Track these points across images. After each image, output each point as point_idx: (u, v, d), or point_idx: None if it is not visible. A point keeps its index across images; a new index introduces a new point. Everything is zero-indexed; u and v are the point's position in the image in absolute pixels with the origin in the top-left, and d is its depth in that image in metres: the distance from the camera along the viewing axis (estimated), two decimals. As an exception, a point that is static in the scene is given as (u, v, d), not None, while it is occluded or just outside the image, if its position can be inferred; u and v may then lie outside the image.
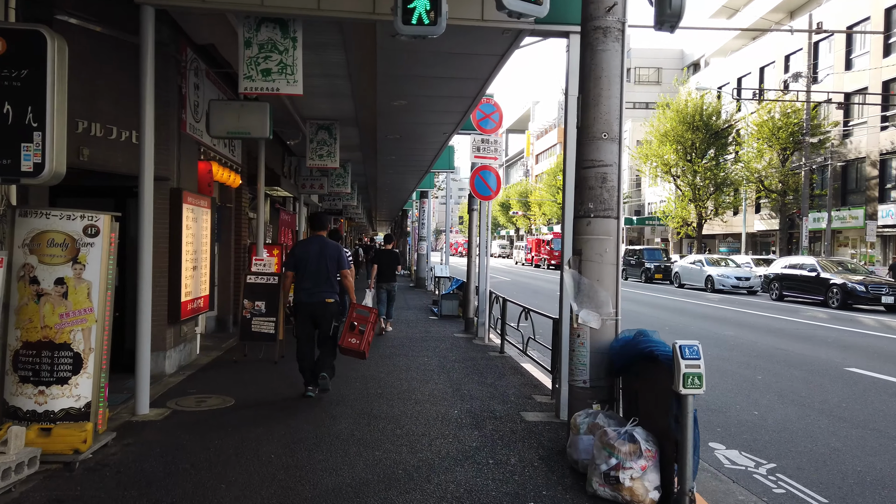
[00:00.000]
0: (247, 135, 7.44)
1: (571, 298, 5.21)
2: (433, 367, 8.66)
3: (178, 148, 7.67)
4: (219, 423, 5.77)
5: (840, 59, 31.34)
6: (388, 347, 10.16)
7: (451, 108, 9.86)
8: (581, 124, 5.21)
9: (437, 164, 17.81)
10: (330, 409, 6.33)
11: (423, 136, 12.48)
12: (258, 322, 8.60)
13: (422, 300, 18.84)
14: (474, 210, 12.61)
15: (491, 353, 9.94)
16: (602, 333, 5.10)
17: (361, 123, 11.49)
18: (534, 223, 67.56)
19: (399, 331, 12.19)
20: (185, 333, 8.12)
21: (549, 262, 46.49)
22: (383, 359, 9.12)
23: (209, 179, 8.73)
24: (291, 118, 11.51)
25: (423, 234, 24.98)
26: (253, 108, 7.42)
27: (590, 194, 5.15)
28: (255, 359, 8.74)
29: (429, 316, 14.89)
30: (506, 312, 10.15)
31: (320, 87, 9.53)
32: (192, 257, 7.88)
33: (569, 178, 6.18)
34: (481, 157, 11.22)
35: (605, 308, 5.11)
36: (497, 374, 8.34)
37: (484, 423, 5.99)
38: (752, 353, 10.96)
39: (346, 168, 17.39)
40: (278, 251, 11.98)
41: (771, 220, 36.03)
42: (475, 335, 11.77)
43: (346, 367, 8.24)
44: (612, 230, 5.17)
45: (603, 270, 5.13)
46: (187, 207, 7.67)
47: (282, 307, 8.73)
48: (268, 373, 7.93)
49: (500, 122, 11.25)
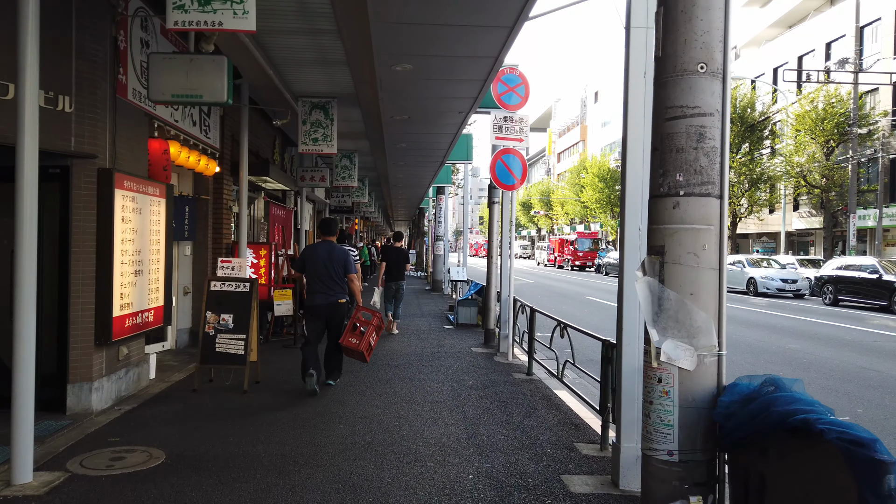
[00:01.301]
0: (198, 99, 5.67)
1: (648, 321, 3.37)
2: (444, 397, 6.85)
3: (113, 118, 5.93)
4: (128, 499, 4.00)
5: (889, 44, 29.01)
6: (392, 368, 8.36)
7: (466, 75, 8.03)
8: (662, 52, 3.36)
9: (453, 155, 15.98)
10: (295, 473, 4.53)
11: (434, 116, 10.66)
12: (224, 340, 6.84)
13: (437, 305, 17.03)
14: (495, 203, 10.76)
15: (516, 376, 8.10)
16: (699, 378, 3.25)
17: (362, 100, 9.70)
18: (555, 223, 65.59)
19: (408, 344, 10.38)
20: (128, 356, 6.38)
21: (572, 262, 44.52)
22: (382, 385, 7.32)
23: (165, 162, 6.99)
24: (280, 95, 9.76)
25: (440, 234, 23.16)
26: (206, 63, 5.65)
27: (677, 160, 3.30)
28: (221, 385, 6.99)
29: (443, 325, 13.06)
30: (534, 325, 8.32)
31: (305, 48, 7.77)
32: (133, 259, 6.14)
33: (632, 142, 4.34)
34: (504, 139, 9.38)
35: (704, 338, 3.26)
36: (525, 407, 6.51)
37: (510, 498, 4.16)
38: (833, 373, 9.00)
39: (353, 159, 15.63)
40: (266, 251, 10.25)
41: (811, 217, 33.73)
42: (496, 350, 9.94)
43: (333, 401, 6.45)
44: (712, 216, 3.32)
45: (700, 278, 3.27)
46: (124, 195, 5.93)
47: (254, 321, 6.96)
48: (229, 409, 6.16)
49: (526, 96, 9.41)
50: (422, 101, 9.52)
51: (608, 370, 5.24)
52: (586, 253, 44.47)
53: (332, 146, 10.18)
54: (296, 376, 7.62)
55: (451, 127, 11.57)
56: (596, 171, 50.37)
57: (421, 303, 17.84)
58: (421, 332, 11.99)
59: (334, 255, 6.98)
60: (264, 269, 10.25)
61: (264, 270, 10.25)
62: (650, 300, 3.36)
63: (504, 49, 6.96)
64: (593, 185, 50.19)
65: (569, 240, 46.93)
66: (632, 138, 4.36)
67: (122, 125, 6.12)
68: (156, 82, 5.62)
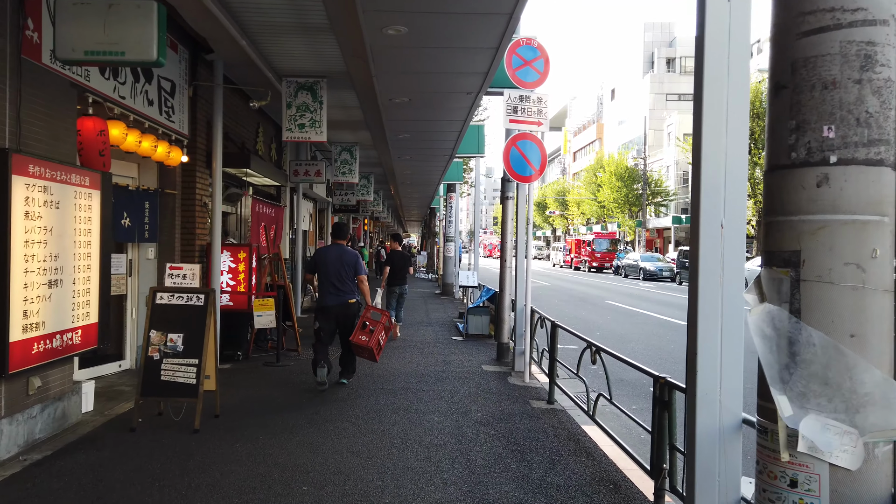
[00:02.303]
0: (119, 57, 4.33)
1: (772, 381, 1.97)
2: (445, 437, 5.46)
3: (16, 86, 4.61)
4: None
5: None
6: (386, 394, 6.99)
7: (473, 41, 6.65)
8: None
9: (463, 148, 14.60)
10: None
11: (439, 98, 9.27)
12: (172, 366, 5.48)
13: (447, 312, 15.63)
14: (509, 198, 9.37)
15: (534, 405, 6.71)
16: (865, 482, 1.86)
17: (355, 79, 8.33)
18: (571, 223, 63.93)
19: (409, 361, 9.00)
20: (44, 388, 5.05)
21: (589, 264, 42.93)
22: (371, 419, 5.95)
23: (100, 146, 5.66)
24: (260, 74, 8.43)
25: (451, 234, 21.76)
26: (129, 10, 4.31)
27: (825, 102, 1.91)
28: (168, 421, 5.65)
29: (451, 336, 11.67)
30: (556, 342, 6.92)
31: (278, 8, 6.44)
32: (44, 266, 4.81)
33: (711, 88, 2.92)
34: (519, 122, 7.97)
35: (877, 415, 1.86)
36: (548, 453, 5.11)
37: None
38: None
39: (353, 153, 14.31)
40: (246, 254, 8.92)
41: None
42: (511, 368, 8.55)
43: (304, 445, 5.08)
44: (887, 198, 1.92)
45: (867, 307, 1.88)
46: (30, 184, 4.60)
47: (210, 341, 5.61)
48: (167, 459, 4.81)
49: (545, 71, 8.00)
50: (422, 78, 8.13)
51: (664, 418, 3.85)
52: (604, 254, 42.87)
53: (322, 133, 8.84)
54: (268, 405, 6.29)
55: (458, 112, 10.17)
56: (613, 170, 48.82)
57: (429, 309, 16.47)
58: (425, 344, 10.61)
59: (345, 258, 7.26)
60: (244, 275, 8.92)
61: (244, 276, 8.92)
62: (773, 344, 1.97)
63: (519, 3, 5.56)
64: (610, 184, 48.64)
65: (586, 240, 45.33)
66: (711, 82, 2.95)
67: (33, 96, 4.79)
68: (64, 36, 4.30)
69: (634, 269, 34.75)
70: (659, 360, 9.97)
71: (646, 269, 33.41)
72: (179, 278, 5.72)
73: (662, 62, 56.69)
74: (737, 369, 3.02)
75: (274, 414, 6.04)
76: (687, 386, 3.11)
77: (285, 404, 6.43)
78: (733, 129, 2.96)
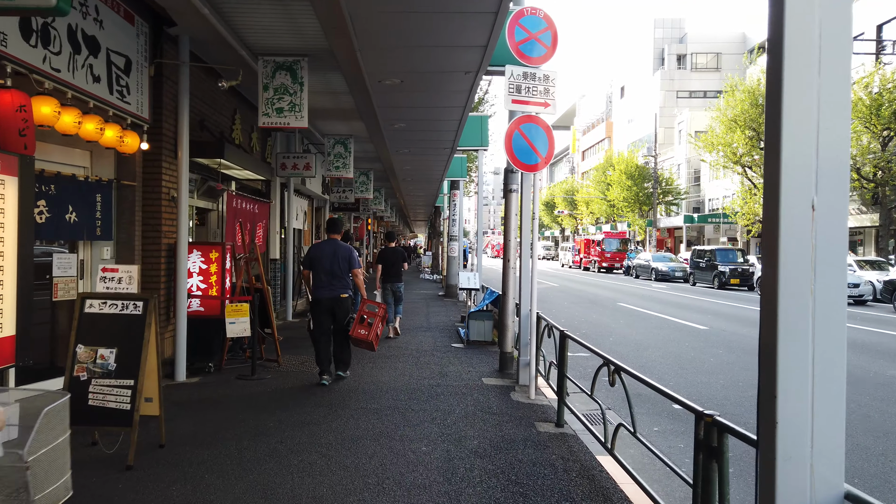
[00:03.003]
0: (9, 3, 3.40)
1: None
2: (432, 475, 4.50)
3: None
4: None
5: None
6: (368, 414, 6.03)
7: (468, 4, 5.69)
8: None
9: (465, 140, 13.65)
10: None
11: (434, 79, 8.30)
12: (101, 388, 4.55)
13: (449, 316, 14.66)
14: (512, 191, 8.40)
15: (541, 428, 5.74)
16: None
17: (339, 57, 7.38)
18: (580, 223, 62.83)
19: (401, 371, 8.04)
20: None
21: (599, 264, 41.86)
22: (345, 449, 4.99)
23: (20, 123, 4.73)
24: (232, 51, 7.51)
25: (455, 233, 20.79)
26: (21, -59, 3.38)
27: None
28: (100, 455, 4.71)
29: (451, 342, 10.70)
30: (566, 355, 5.95)
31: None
32: (-70, 267, 3.88)
33: (793, 32, 1.97)
34: (523, 102, 6.99)
35: None
36: (556, 498, 4.14)
37: None
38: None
39: (347, 146, 13.39)
40: (218, 254, 8.00)
41: (861, 214, 30.80)
42: (515, 382, 7.59)
43: (257, 485, 4.11)
44: None
45: None
46: None
47: (150, 357, 4.66)
48: (87, 503, 3.87)
49: (553, 45, 7.04)
50: (414, 53, 7.18)
51: (710, 469, 2.88)
52: (614, 254, 41.78)
53: (302, 118, 7.91)
54: (228, 430, 5.35)
55: (457, 97, 9.20)
56: (623, 168, 47.73)
57: (430, 312, 15.51)
58: (422, 352, 9.65)
59: (339, 252, 7.41)
60: (216, 278, 7.99)
61: (216, 279, 7.99)
62: None
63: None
64: (620, 183, 47.56)
65: (595, 240, 44.23)
66: (793, 22, 1.98)
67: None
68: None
69: (646, 269, 33.67)
70: (679, 369, 8.98)
71: (658, 269, 32.35)
72: (114, 282, 4.79)
73: (673, 59, 55.47)
74: (836, 420, 2.05)
75: (232, 442, 5.10)
76: (759, 440, 2.14)
77: (248, 429, 5.49)
78: (827, 69, 2.01)
